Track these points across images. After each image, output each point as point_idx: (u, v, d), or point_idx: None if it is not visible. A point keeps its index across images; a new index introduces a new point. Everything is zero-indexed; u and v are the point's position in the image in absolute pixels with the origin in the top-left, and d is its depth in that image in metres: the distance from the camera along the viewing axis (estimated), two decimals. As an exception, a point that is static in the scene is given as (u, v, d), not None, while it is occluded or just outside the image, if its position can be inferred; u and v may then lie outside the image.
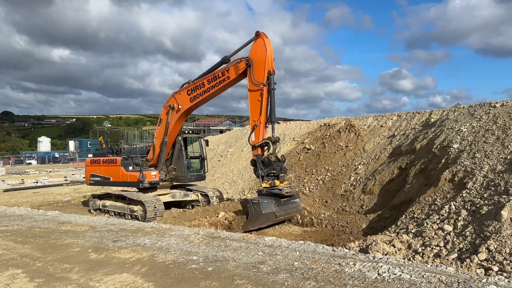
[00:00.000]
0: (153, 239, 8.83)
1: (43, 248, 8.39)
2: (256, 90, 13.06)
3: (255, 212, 12.65)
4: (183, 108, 15.28)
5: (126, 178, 16.00)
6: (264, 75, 12.84)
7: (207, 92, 14.49)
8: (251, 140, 13.26)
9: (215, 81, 14.24)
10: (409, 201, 12.87)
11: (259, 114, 13.03)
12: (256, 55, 13.11)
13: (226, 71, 13.91)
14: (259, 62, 13.00)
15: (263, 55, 12.93)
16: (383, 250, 8.80)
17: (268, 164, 12.85)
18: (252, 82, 13.07)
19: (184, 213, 15.19)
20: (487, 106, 15.65)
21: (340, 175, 18.15)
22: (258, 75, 12.98)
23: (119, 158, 16.33)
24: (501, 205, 8.89)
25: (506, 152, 11.47)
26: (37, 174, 41.87)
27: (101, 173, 16.91)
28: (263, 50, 12.98)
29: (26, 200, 21.50)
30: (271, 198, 12.75)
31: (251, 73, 13.11)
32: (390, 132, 19.57)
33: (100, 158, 17.19)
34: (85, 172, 18.37)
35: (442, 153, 13.98)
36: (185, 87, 15.19)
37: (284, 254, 7.12)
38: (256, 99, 13.12)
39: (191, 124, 72.96)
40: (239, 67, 13.51)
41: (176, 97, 15.49)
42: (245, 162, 23.74)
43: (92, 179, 17.32)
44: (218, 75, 14.16)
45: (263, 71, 12.89)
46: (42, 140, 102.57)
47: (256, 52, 13.14)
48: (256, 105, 13.16)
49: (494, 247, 7.89)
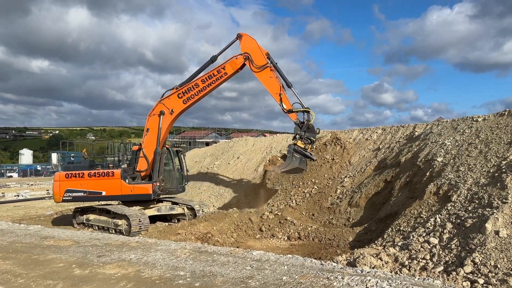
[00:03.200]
0: (138, 254, 8.68)
1: (25, 264, 8.17)
2: (263, 72, 15.41)
3: (292, 162, 14.93)
4: (176, 111, 15.87)
5: (129, 191, 15.38)
6: (264, 57, 15.31)
7: (203, 91, 15.68)
8: (285, 108, 15.41)
9: (210, 79, 15.60)
10: (395, 214, 12.97)
11: (279, 86, 15.37)
12: (249, 48, 15.41)
13: (223, 69, 15.55)
14: (255, 51, 15.37)
15: (255, 45, 15.46)
16: (370, 263, 8.83)
17: (311, 130, 15.14)
18: (257, 68, 15.35)
19: (170, 227, 15.01)
20: (470, 120, 15.98)
21: (326, 188, 18.22)
22: (259, 61, 15.34)
23: (118, 171, 15.65)
24: (485, 218, 9.03)
25: (489, 166, 11.69)
26: (18, 187, 40.94)
27: (86, 187, 15.69)
28: (253, 42, 15.52)
29: (7, 214, 20.95)
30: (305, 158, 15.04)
31: (252, 63, 15.40)
32: (375, 145, 19.79)
33: (84, 172, 15.92)
34: (54, 188, 16.27)
35: (427, 166, 14.18)
36: (174, 92, 15.79)
37: (272, 268, 7.07)
38: (268, 77, 15.49)
39: (176, 136, 72.54)
40: (236, 63, 15.52)
41: (164, 103, 15.81)
42: (231, 175, 23.68)
43: (69, 194, 15.83)
44: (214, 74, 15.59)
45: (261, 56, 15.32)
46: (23, 153, 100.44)
47: (247, 46, 15.46)
48: (270, 81, 15.51)
49: (479, 260, 7.99)
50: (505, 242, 8.24)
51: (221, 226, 14.60)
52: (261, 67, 15.35)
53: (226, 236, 14.19)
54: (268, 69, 15.45)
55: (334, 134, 21.96)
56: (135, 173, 15.84)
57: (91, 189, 15.70)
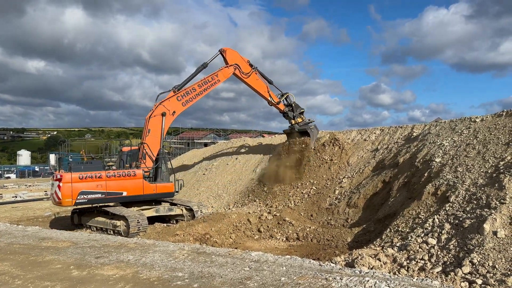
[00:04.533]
0: (136, 255, 8.66)
1: (23, 265, 8.14)
2: (251, 77, 19.66)
3: (314, 133, 21.32)
4: (177, 113, 17.35)
5: (152, 190, 15.69)
6: (247, 65, 19.58)
7: (200, 94, 18.05)
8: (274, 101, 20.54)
9: (205, 85, 18.28)
10: (393, 215, 12.98)
11: (265, 85, 20.29)
12: (235, 59, 19.18)
13: (215, 76, 18.61)
14: (240, 62, 19.37)
15: (239, 56, 19.46)
16: (368, 264, 8.83)
17: (297, 106, 21.20)
18: (245, 75, 19.35)
19: (168, 228, 15.00)
20: (468, 121, 16.01)
21: (325, 189, 18.23)
22: (245, 69, 19.48)
23: (140, 171, 15.69)
24: (483, 219, 9.04)
25: (487, 166, 11.71)
26: (16, 188, 40.84)
27: (105, 188, 15.07)
28: (236, 54, 19.40)
29: (5, 215, 20.90)
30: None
31: (241, 72, 19.20)
32: (373, 146, 19.80)
33: (102, 172, 15.23)
34: (63, 190, 14.63)
35: (425, 167, 14.20)
36: (173, 95, 17.14)
37: (270, 269, 7.06)
38: (255, 80, 19.93)
39: (175, 137, 72.45)
40: (228, 72, 18.99)
41: (165, 105, 16.83)
42: (230, 176, 23.66)
43: (84, 197, 14.76)
44: (208, 80, 18.39)
45: (246, 64, 19.58)
46: (21, 154, 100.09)
47: (233, 58, 19.14)
48: (258, 83, 20.09)
49: (478, 260, 8.00)
50: (503, 243, 8.25)
51: (220, 227, 14.60)
52: (248, 73, 19.41)
53: (224, 237, 14.19)
54: (254, 74, 19.71)
55: (332, 135, 21.97)
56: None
57: (110, 190, 15.22)
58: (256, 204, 18.86)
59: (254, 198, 19.80)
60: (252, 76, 19.52)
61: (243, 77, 19.18)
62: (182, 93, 17.34)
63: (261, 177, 21.30)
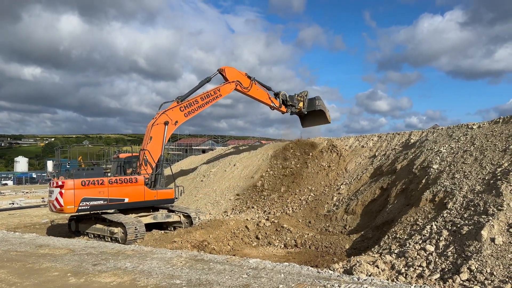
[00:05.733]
0: (134, 262, 8.63)
1: (20, 272, 8.10)
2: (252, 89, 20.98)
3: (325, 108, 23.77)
4: (179, 123, 17.86)
5: (153, 196, 15.71)
6: (246, 78, 20.83)
7: (201, 107, 18.76)
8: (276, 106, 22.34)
9: (207, 98, 19.08)
10: (391, 221, 12.99)
11: (266, 93, 22.02)
12: (235, 76, 20.35)
13: (218, 90, 19.59)
14: (240, 77, 20.56)
15: (237, 72, 20.61)
16: (367, 271, 8.82)
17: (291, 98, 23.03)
18: (246, 89, 20.68)
19: (166, 235, 14.94)
20: (465, 127, 16.08)
21: (323, 195, 18.23)
22: (245, 83, 20.74)
23: (141, 177, 15.62)
24: (481, 225, 9.06)
25: (484, 173, 11.75)
26: (13, 195, 40.69)
27: (107, 195, 14.89)
28: (234, 71, 20.50)
29: (2, 222, 20.81)
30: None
31: (243, 87, 20.51)
32: (371, 153, 19.85)
33: (104, 179, 15.08)
34: (65, 197, 14.32)
35: (423, 173, 14.23)
36: (176, 106, 17.70)
37: (269, 276, 7.05)
38: (256, 90, 21.34)
39: (173, 144, 72.42)
40: (230, 87, 20.14)
41: (168, 114, 17.25)
42: (228, 182, 23.63)
43: (86, 203, 14.51)
44: (211, 94, 19.25)
45: (245, 78, 20.81)
46: (19, 160, 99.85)
47: (233, 75, 20.29)
48: (259, 92, 21.57)
49: (476, 267, 8.00)
50: (501, 249, 8.26)
51: (218, 234, 14.57)
52: (248, 87, 20.73)
53: (222, 244, 14.15)
54: (254, 85, 21.09)
55: (330, 142, 22.02)
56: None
57: (112, 196, 15.05)
58: (254, 211, 18.83)
59: (252, 204, 19.77)
60: (253, 87, 20.95)
61: (245, 91, 20.57)
62: (185, 104, 18.00)
63: (260, 183, 21.28)
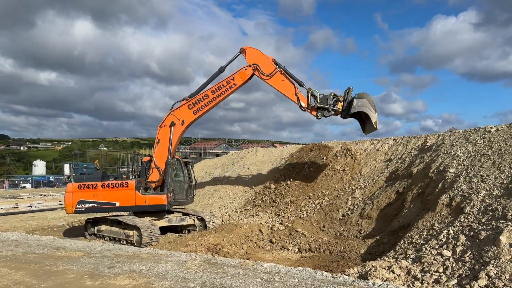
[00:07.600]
0: (149, 265, 8.71)
1: (38, 274, 8.24)
2: (274, 77, 16.34)
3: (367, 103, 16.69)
4: (187, 122, 16.29)
5: (144, 201, 15.35)
6: (271, 64, 16.34)
7: (213, 101, 16.30)
8: (304, 105, 16.37)
9: (219, 90, 16.32)
10: (407, 226, 12.81)
11: (293, 87, 16.43)
12: (256, 59, 16.37)
13: (232, 79, 16.36)
14: (261, 61, 16.38)
15: (260, 55, 16.49)
16: (382, 276, 8.71)
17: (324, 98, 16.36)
18: (267, 76, 16.26)
19: (180, 238, 15.02)
20: (482, 131, 15.80)
21: (337, 199, 18.09)
22: (267, 69, 16.31)
23: (132, 182, 15.61)
24: (499, 230, 8.87)
25: (503, 177, 11.52)
26: (31, 198, 41.40)
27: (100, 198, 15.50)
28: (257, 52, 16.55)
29: (20, 224, 21.19)
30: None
31: (260, 73, 16.29)
32: (386, 156, 19.64)
33: (97, 183, 15.75)
34: (66, 199, 15.97)
35: (439, 177, 14.01)
36: (184, 103, 16.23)
37: (282, 281, 7.03)
38: (280, 81, 16.43)
39: (187, 147, 72.90)
40: (246, 73, 16.40)
41: (175, 114, 16.18)
42: (242, 186, 23.66)
43: (81, 206, 15.65)
44: (223, 84, 16.35)
45: (269, 63, 16.36)
46: (37, 164, 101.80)
47: (253, 57, 16.41)
48: (283, 84, 16.49)
49: (494, 273, 7.84)
50: (520, 255, 8.07)
51: (232, 238, 14.58)
52: (271, 74, 16.28)
53: (236, 247, 14.14)
54: (278, 74, 16.35)
55: (344, 145, 21.86)
56: (147, 184, 15.89)
57: (105, 200, 15.54)
58: (268, 215, 18.79)
59: (266, 208, 19.74)
60: (276, 76, 16.30)
61: (263, 78, 16.37)
62: (193, 100, 16.26)
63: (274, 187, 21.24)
